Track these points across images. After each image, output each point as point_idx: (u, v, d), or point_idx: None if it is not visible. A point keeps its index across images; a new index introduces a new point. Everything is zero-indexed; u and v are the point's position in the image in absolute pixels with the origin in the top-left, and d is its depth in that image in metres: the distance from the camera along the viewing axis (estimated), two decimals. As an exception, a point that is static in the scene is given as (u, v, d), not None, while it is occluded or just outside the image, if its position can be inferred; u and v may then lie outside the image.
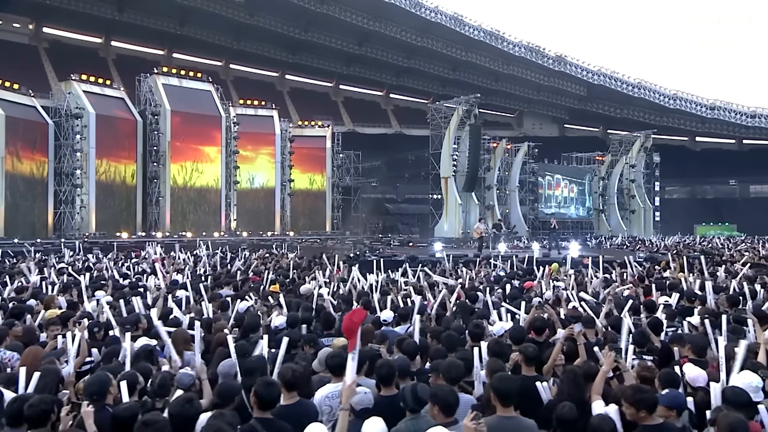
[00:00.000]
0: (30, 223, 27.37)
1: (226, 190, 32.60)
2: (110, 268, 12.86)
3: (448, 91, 50.14)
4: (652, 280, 10.10)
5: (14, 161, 26.72)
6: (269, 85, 55.96)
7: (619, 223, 40.01)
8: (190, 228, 30.73)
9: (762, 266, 13.05)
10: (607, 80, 55.12)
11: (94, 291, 8.69)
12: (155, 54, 50.81)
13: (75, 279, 10.12)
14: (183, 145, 31.26)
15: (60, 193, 28.19)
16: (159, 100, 30.68)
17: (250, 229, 32.72)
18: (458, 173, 32.63)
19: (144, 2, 45.78)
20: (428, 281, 10.05)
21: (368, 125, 55.84)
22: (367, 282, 9.94)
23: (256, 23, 49.33)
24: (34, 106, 28.40)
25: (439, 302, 7.54)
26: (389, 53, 54.30)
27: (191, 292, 8.22)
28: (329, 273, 11.85)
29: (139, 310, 6.61)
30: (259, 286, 9.72)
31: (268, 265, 14.67)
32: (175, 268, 12.38)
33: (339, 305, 7.72)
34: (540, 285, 9.70)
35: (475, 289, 9.10)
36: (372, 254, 17.34)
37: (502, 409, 3.53)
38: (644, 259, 14.77)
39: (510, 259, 14.48)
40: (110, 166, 29.39)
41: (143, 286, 9.53)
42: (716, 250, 18.11)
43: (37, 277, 10.65)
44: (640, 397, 3.43)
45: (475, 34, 50.85)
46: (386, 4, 47.90)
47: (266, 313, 7.17)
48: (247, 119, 33.91)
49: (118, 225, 28.93)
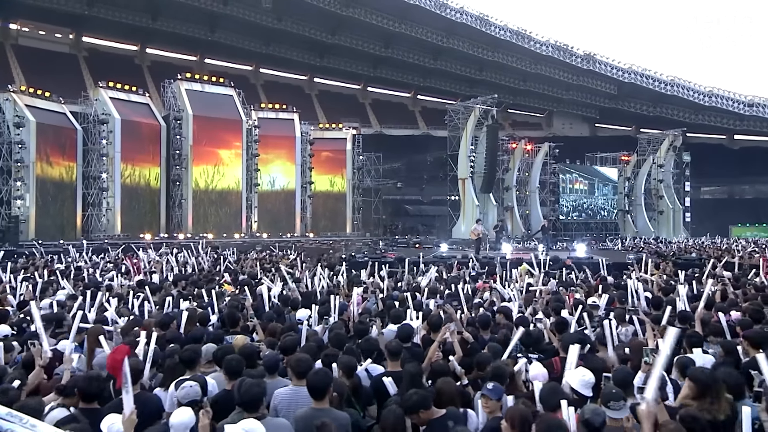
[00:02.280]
0: (60, 225, 28.31)
1: (247, 193, 33.01)
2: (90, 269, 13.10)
3: (475, 91, 49.23)
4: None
5: (44, 166, 27.73)
6: (298, 88, 56.39)
7: (647, 224, 38.43)
8: (212, 230, 31.22)
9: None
10: (638, 78, 53.16)
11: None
12: (188, 60, 51.95)
13: (57, 279, 10.33)
14: (205, 149, 31.79)
15: (88, 196, 29.14)
16: (182, 105, 31.30)
17: (271, 230, 32.99)
18: (475, 174, 32.08)
19: (177, 10, 46.80)
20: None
21: (395, 127, 55.60)
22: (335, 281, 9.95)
23: (284, 28, 49.79)
24: (63, 112, 29.41)
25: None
26: (416, 55, 53.92)
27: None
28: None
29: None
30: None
31: (266, 265, 14.74)
32: (151, 269, 12.43)
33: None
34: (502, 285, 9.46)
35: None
36: (364, 256, 17.14)
37: (316, 402, 3.84)
38: (634, 260, 14.10)
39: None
40: (135, 170, 30.13)
41: (108, 286, 9.59)
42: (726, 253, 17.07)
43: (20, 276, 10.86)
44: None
45: (501, 33, 49.91)
46: (411, 6, 47.57)
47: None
48: (269, 122, 34.20)
49: (143, 227, 29.65)
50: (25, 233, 26.08)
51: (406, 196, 44.63)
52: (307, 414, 3.81)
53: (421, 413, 3.72)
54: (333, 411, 3.86)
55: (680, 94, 53.48)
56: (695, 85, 54.19)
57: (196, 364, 4.61)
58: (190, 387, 3.89)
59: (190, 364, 4.57)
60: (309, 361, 4.29)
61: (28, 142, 26.53)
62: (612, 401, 3.66)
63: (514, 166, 34.70)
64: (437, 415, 3.75)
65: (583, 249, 20.77)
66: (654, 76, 53.76)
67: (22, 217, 26.20)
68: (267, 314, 6.62)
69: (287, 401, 4.17)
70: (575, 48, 52.53)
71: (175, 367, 4.64)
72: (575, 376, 4.15)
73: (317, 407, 3.85)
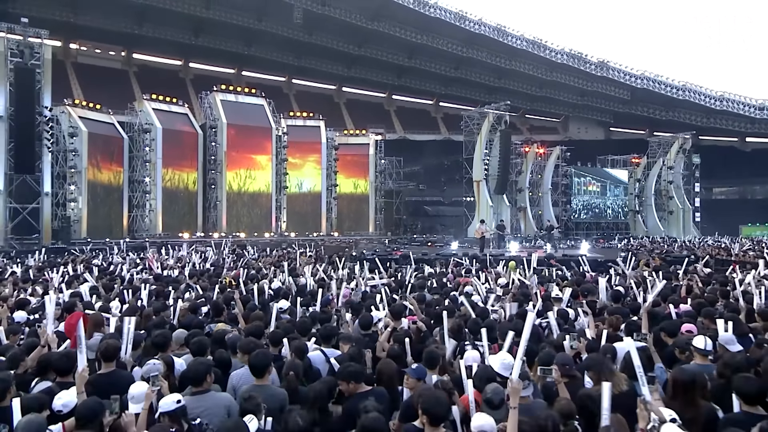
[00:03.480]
0: (108, 226, 29.22)
1: (276, 195, 33.53)
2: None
3: (494, 98, 48.92)
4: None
5: (95, 171, 28.72)
6: (328, 97, 56.98)
7: (657, 224, 37.43)
8: (244, 229, 31.85)
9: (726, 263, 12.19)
10: (650, 84, 51.77)
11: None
12: (227, 73, 53.02)
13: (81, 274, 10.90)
14: (237, 155, 32.42)
15: (133, 198, 30.06)
16: (217, 115, 32.04)
17: (299, 230, 33.42)
18: (490, 176, 31.93)
19: (216, 27, 47.86)
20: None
21: (418, 132, 55.62)
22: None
23: (314, 42, 50.36)
24: (112, 123, 30.39)
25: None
26: (437, 64, 53.82)
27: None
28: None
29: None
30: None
31: (283, 262, 15.10)
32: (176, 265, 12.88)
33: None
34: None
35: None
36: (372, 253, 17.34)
37: (257, 380, 4.12)
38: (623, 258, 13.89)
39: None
40: (175, 174, 30.98)
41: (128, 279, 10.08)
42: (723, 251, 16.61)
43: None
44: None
45: (518, 43, 49.37)
46: (433, 19, 47.57)
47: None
48: (297, 129, 34.68)
49: (181, 227, 30.37)
50: (78, 232, 26.97)
51: (426, 197, 44.59)
52: (248, 389, 4.01)
53: (350, 384, 3.92)
54: (271, 387, 4.08)
55: (692, 98, 51.89)
56: (706, 89, 52.53)
57: (167, 346, 4.91)
58: (153, 364, 4.21)
59: (162, 346, 4.87)
60: (254, 343, 4.55)
61: (81, 150, 27.33)
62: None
63: (527, 168, 34.36)
64: (363, 390, 3.95)
65: (587, 247, 20.59)
66: (666, 82, 52.29)
67: (75, 218, 27.12)
68: (250, 305, 6.90)
69: (240, 379, 4.41)
70: (589, 55, 51.58)
71: (149, 349, 4.98)
72: (496, 360, 4.28)
73: (258, 384, 4.08)
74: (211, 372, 3.98)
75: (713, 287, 8.15)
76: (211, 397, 3.85)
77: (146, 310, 6.80)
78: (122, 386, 4.15)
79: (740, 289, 7.24)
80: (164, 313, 6.57)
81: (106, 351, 4.41)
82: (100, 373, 4.33)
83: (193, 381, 3.90)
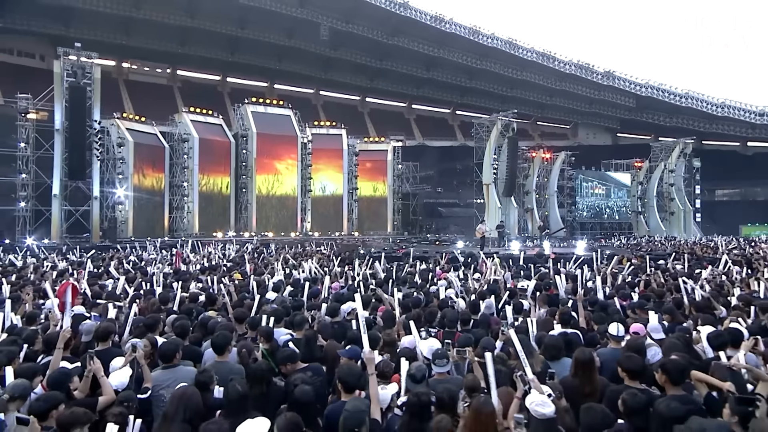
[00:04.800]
0: (151, 226, 30.13)
1: (301, 198, 34.13)
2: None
3: (507, 106, 48.68)
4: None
5: (140, 177, 29.65)
6: (352, 107, 57.54)
7: (659, 224, 36.64)
8: (272, 229, 32.56)
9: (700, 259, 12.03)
10: (654, 92, 50.76)
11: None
12: (260, 86, 54.13)
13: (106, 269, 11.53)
14: (266, 161, 33.14)
15: (173, 201, 31.03)
16: (248, 125, 32.83)
17: (322, 230, 33.98)
18: (498, 180, 31.83)
19: (251, 46, 48.91)
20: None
21: (436, 139, 55.64)
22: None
23: (340, 56, 50.97)
24: (155, 133, 31.39)
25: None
26: (453, 76, 53.74)
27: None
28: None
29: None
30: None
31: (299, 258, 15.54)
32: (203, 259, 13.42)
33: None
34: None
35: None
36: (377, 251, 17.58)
37: (218, 357, 4.46)
38: (608, 256, 13.83)
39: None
40: (209, 179, 31.83)
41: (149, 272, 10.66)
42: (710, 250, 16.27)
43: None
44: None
45: (528, 55, 49.00)
46: (448, 34, 47.67)
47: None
48: (320, 138, 35.20)
49: (215, 227, 31.16)
50: (125, 232, 27.97)
51: (441, 200, 44.62)
52: (210, 365, 4.42)
53: (288, 365, 4.26)
54: (229, 363, 4.42)
55: (694, 105, 50.72)
56: (708, 96, 51.23)
57: (155, 328, 5.34)
58: (137, 342, 4.62)
59: (151, 327, 5.29)
60: (225, 327, 4.94)
61: (128, 158, 28.20)
62: (437, 359, 4.12)
63: (534, 172, 34.10)
64: (300, 367, 4.29)
65: (583, 246, 20.44)
66: (669, 90, 51.23)
67: (122, 219, 28.11)
68: (241, 296, 7.31)
69: (209, 356, 4.81)
70: (596, 66, 50.81)
71: (142, 330, 5.41)
72: (425, 345, 4.54)
73: (218, 360, 4.44)
74: (179, 350, 4.36)
75: (670, 283, 8.19)
76: (178, 371, 4.23)
77: (153, 299, 7.27)
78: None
79: (690, 284, 7.28)
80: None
81: (101, 333, 4.88)
82: (96, 350, 4.75)
83: (164, 358, 4.29)
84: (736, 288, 8.12)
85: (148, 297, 7.44)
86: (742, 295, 6.88)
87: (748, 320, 5.48)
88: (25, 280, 9.34)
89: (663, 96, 51.17)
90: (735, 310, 5.89)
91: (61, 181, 24.86)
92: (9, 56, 44.46)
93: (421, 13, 46.66)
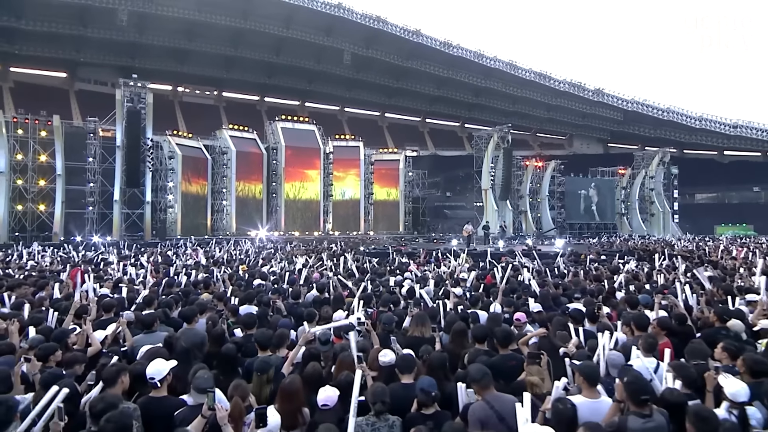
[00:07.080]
0: (196, 226, 31.09)
1: (323, 202, 34.90)
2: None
3: (509, 121, 48.26)
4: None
5: (187, 185, 30.76)
6: (373, 122, 58.24)
7: (640, 225, 36.07)
8: (298, 229, 33.46)
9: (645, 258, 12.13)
10: (639, 107, 50.39)
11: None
12: (293, 105, 55.40)
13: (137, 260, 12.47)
14: (293, 170, 34.09)
15: (214, 205, 32.15)
16: (278, 139, 33.91)
17: (341, 230, 34.67)
18: (495, 185, 31.97)
19: (285, 70, 50.43)
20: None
21: (447, 149, 55.83)
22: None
23: (361, 78, 51.92)
24: (200, 147, 32.55)
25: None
26: (461, 94, 54.09)
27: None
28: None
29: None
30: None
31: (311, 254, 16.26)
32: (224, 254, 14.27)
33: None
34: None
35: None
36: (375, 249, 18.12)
37: (187, 325, 5.03)
38: (571, 253, 14.02)
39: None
40: (245, 186, 32.90)
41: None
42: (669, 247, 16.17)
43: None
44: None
45: (527, 75, 48.98)
46: (456, 58, 48.13)
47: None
48: (341, 149, 35.92)
49: (250, 227, 32.34)
50: (174, 231, 29.25)
51: (447, 203, 44.84)
52: (180, 331, 5.03)
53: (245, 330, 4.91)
54: (194, 329, 5.08)
55: (675, 119, 50.12)
56: (687, 111, 50.51)
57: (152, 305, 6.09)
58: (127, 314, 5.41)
59: (148, 303, 5.99)
60: (201, 303, 5.66)
61: (177, 169, 29.31)
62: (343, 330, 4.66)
63: (527, 178, 34.06)
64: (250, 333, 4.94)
65: (561, 243, 20.51)
66: (652, 105, 50.67)
67: (171, 221, 29.44)
68: (236, 282, 8.05)
69: (201, 325, 5.44)
70: (587, 84, 50.93)
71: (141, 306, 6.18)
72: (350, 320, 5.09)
73: (187, 327, 5.12)
74: (157, 321, 5.09)
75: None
76: (155, 335, 4.96)
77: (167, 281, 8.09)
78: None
79: (622, 279, 7.63)
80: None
81: (105, 306, 5.67)
82: (102, 319, 5.55)
83: (145, 325, 5.03)
84: (660, 276, 8.50)
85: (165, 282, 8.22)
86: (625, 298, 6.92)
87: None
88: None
89: (647, 110, 50.67)
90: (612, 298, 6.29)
91: (121, 188, 26.28)
92: (87, 84, 47.20)
93: (431, 40, 47.16)
